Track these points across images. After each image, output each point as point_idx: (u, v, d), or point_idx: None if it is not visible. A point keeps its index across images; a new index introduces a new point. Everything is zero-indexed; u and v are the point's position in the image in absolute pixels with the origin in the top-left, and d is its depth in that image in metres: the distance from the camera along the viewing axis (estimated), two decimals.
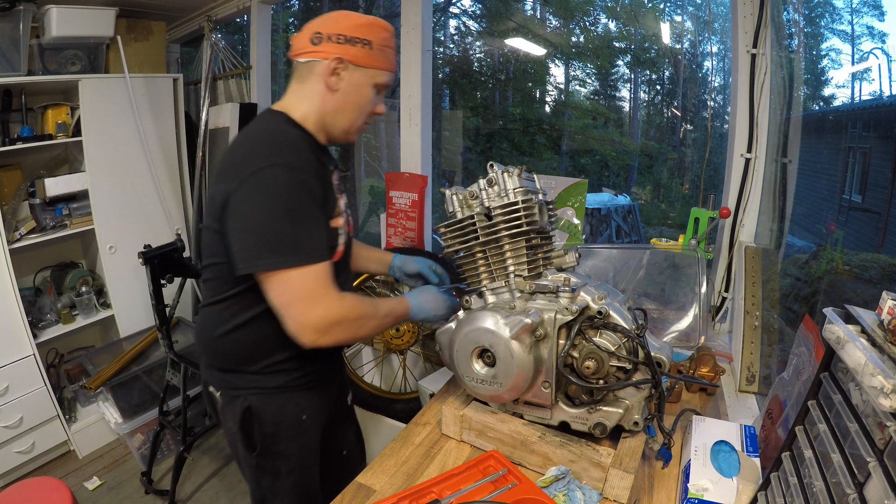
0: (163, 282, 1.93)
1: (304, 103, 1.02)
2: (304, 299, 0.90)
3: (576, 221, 1.74)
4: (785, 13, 1.73)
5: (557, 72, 6.48)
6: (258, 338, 1.04)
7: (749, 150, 1.56)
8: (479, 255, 0.99)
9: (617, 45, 6.17)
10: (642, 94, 6.41)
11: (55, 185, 2.20)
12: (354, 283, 1.96)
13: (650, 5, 6.00)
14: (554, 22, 6.36)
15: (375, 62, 1.00)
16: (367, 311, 0.98)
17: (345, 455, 1.36)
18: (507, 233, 0.94)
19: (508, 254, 0.95)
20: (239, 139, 1.00)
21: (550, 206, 1.03)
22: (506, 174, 0.95)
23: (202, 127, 2.60)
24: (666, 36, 6.01)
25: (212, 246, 1.00)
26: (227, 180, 0.91)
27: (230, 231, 0.92)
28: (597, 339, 0.88)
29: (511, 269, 0.95)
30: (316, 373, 1.13)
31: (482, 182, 0.97)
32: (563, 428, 0.94)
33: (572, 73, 6.47)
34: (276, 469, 1.11)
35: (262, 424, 1.07)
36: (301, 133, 1.00)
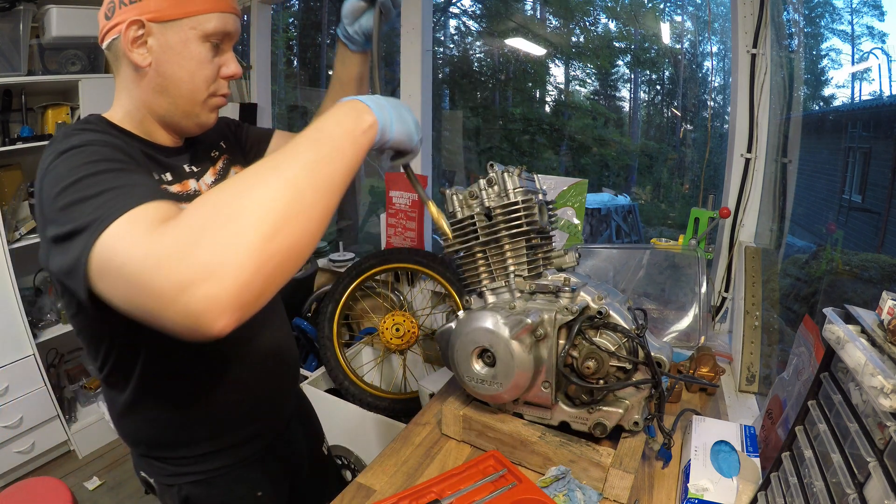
0: None
1: (122, 99, 0.78)
2: (152, 257, 0.48)
3: (576, 221, 1.73)
4: (785, 13, 1.73)
5: (557, 72, 6.49)
6: (160, 423, 0.82)
7: (749, 150, 1.56)
8: (479, 255, 0.99)
9: (617, 45, 6.17)
10: (642, 94, 6.41)
11: None
12: (353, 284, 1.97)
13: (650, 5, 6.00)
14: (554, 22, 6.36)
15: (189, 6, 0.72)
16: (259, 170, 0.51)
17: None
18: (507, 233, 0.94)
19: (508, 254, 0.95)
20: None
21: (550, 206, 1.03)
22: (506, 174, 0.95)
23: None
24: (666, 36, 6.01)
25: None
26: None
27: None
28: (597, 339, 0.88)
29: (511, 269, 0.95)
30: (263, 440, 0.93)
31: (482, 182, 0.97)
32: (563, 428, 0.94)
33: (572, 73, 6.48)
34: None
35: None
36: (119, 134, 0.76)
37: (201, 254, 0.45)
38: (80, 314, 0.76)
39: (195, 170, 0.87)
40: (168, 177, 0.81)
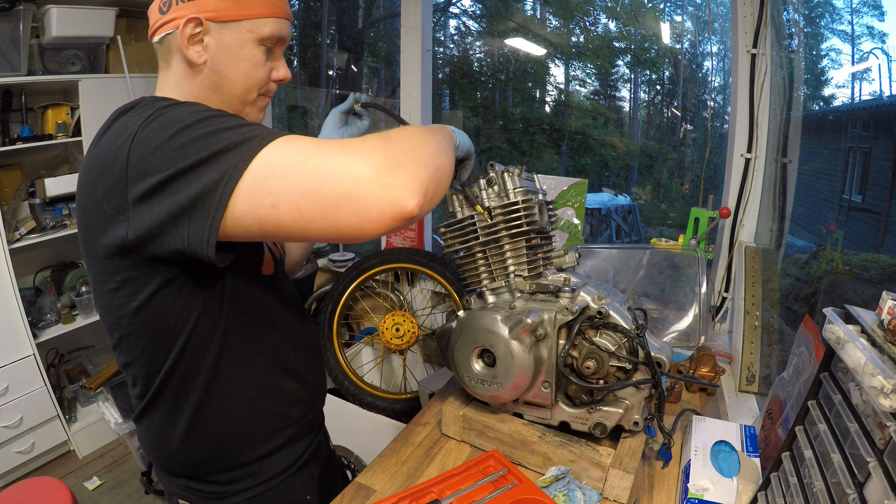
0: None
1: (170, 93, 0.78)
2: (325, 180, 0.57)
3: (576, 221, 1.73)
4: (785, 13, 1.73)
5: (557, 72, 6.48)
6: (224, 427, 0.81)
7: (749, 150, 1.56)
8: (479, 255, 0.99)
9: (617, 45, 6.17)
10: (642, 94, 6.41)
11: (55, 185, 2.20)
12: (353, 284, 1.97)
13: (650, 5, 6.00)
14: (554, 22, 6.36)
15: (248, 9, 0.73)
16: (402, 131, 0.67)
17: None
18: (508, 233, 0.94)
19: (508, 254, 0.95)
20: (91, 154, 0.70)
21: (550, 206, 1.03)
22: (506, 174, 0.95)
23: None
24: (666, 36, 6.01)
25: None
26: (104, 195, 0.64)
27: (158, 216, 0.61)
28: (597, 339, 0.88)
29: (511, 269, 0.95)
30: (311, 435, 0.97)
31: (482, 182, 0.97)
32: (563, 428, 0.94)
33: (572, 73, 6.47)
34: None
35: None
36: None
37: (397, 150, 0.59)
38: (152, 302, 0.70)
39: None
40: None
